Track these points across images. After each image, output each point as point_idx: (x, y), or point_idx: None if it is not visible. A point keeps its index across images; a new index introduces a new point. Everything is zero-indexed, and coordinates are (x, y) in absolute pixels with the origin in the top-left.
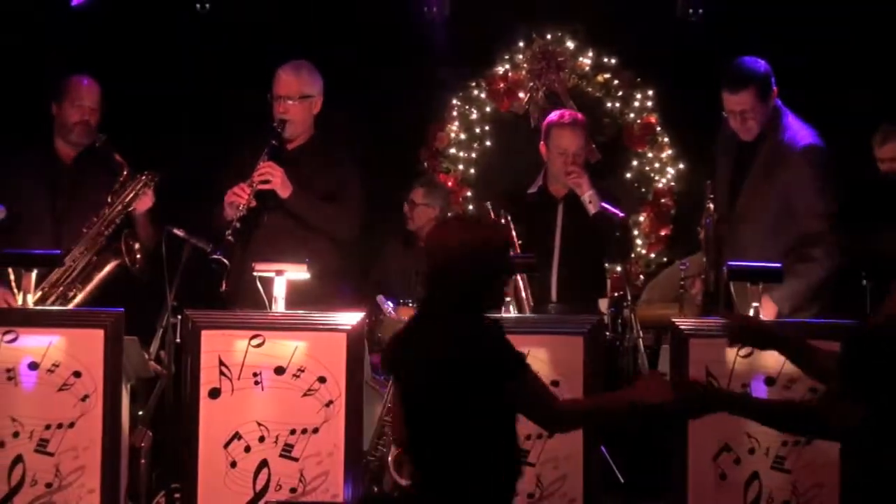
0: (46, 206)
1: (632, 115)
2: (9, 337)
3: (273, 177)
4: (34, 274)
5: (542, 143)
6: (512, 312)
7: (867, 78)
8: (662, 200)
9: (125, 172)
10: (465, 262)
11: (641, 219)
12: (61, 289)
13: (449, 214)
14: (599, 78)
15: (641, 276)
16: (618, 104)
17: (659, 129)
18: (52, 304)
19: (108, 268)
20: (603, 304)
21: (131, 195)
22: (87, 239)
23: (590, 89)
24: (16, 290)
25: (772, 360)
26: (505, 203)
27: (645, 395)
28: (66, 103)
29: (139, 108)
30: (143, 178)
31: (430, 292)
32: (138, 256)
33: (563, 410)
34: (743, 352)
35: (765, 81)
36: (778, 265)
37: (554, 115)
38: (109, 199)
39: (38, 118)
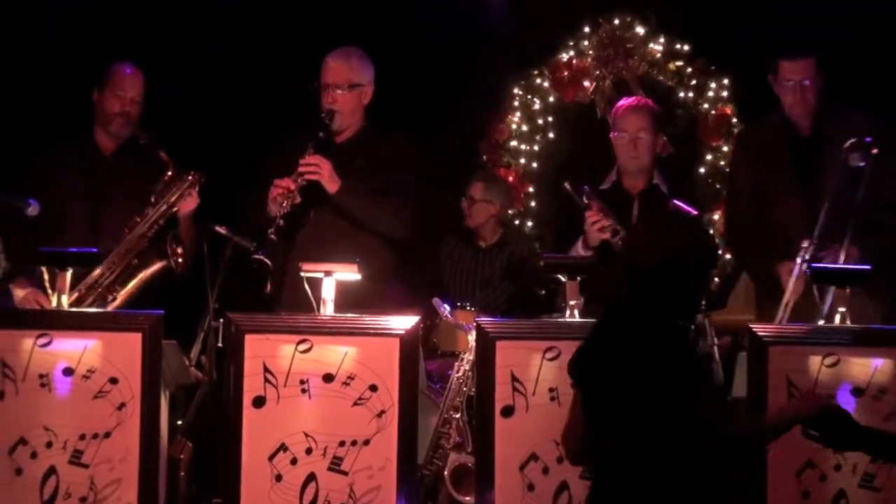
0: (83, 200)
1: (706, 106)
2: (42, 341)
3: (320, 170)
4: (69, 274)
5: (611, 133)
6: (576, 317)
7: None
8: None
9: (170, 171)
10: (678, 269)
11: (716, 217)
12: (99, 290)
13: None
14: (671, 65)
15: (716, 279)
16: (691, 94)
17: (735, 120)
18: (90, 306)
19: (151, 270)
20: None
21: (176, 195)
22: (130, 240)
23: (661, 78)
24: (50, 291)
25: (859, 368)
26: (587, 185)
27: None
28: (107, 92)
29: (177, 102)
30: (189, 177)
31: (630, 299)
32: (180, 260)
33: (738, 428)
34: (829, 360)
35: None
36: (866, 267)
37: (620, 102)
38: (153, 199)
39: (79, 106)
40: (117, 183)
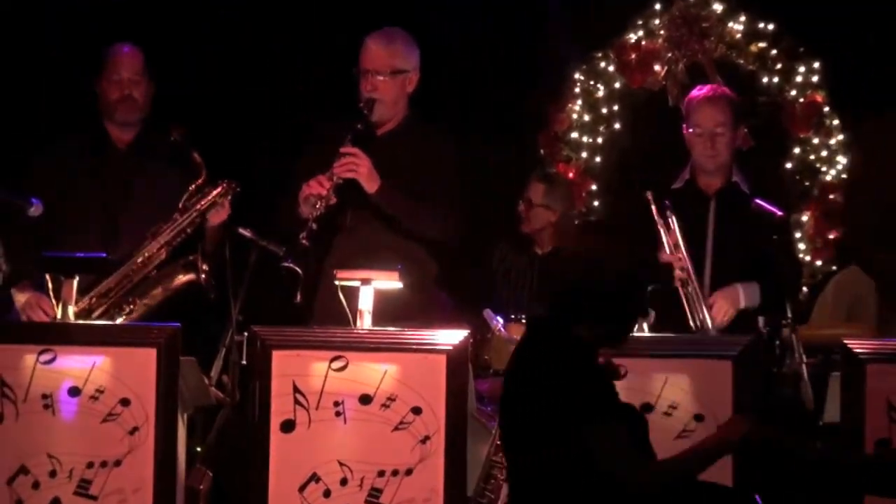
0: (96, 200)
1: (793, 93)
2: (45, 357)
3: (358, 167)
4: (75, 281)
5: (684, 126)
6: (645, 331)
7: None
8: (831, 196)
9: (203, 176)
10: (594, 281)
11: (805, 219)
12: (113, 300)
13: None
14: (753, 47)
15: (804, 289)
16: (776, 79)
17: (827, 109)
18: (101, 318)
19: (178, 281)
20: (760, 321)
21: (208, 205)
22: (152, 247)
23: (741, 61)
24: (54, 301)
25: None
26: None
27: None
28: (103, 80)
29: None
30: (223, 186)
31: (551, 319)
32: (203, 277)
33: (645, 473)
34: None
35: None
36: None
37: (694, 91)
38: (182, 205)
39: (83, 104)
40: (136, 180)
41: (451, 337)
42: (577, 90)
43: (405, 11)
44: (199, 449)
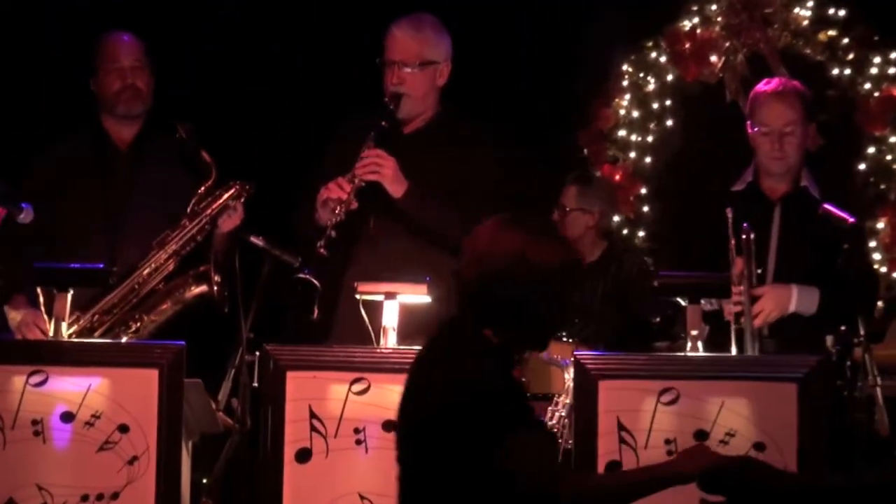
0: (97, 206)
1: (867, 86)
2: (36, 379)
3: (382, 168)
4: (69, 295)
5: (747, 123)
6: (700, 350)
7: None
8: None
9: (213, 177)
10: (501, 278)
11: (880, 226)
12: (117, 316)
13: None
14: (822, 36)
15: (880, 303)
16: (847, 71)
17: None
18: (103, 338)
19: (188, 295)
20: (829, 340)
21: (219, 209)
22: (160, 257)
23: (809, 51)
24: (46, 318)
25: None
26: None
27: (681, 464)
28: (101, 72)
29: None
30: (236, 187)
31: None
32: (216, 289)
33: (575, 490)
34: None
35: None
36: None
37: (760, 84)
38: (190, 209)
39: (81, 105)
40: (139, 183)
41: None
42: (626, 83)
43: None
44: (204, 481)
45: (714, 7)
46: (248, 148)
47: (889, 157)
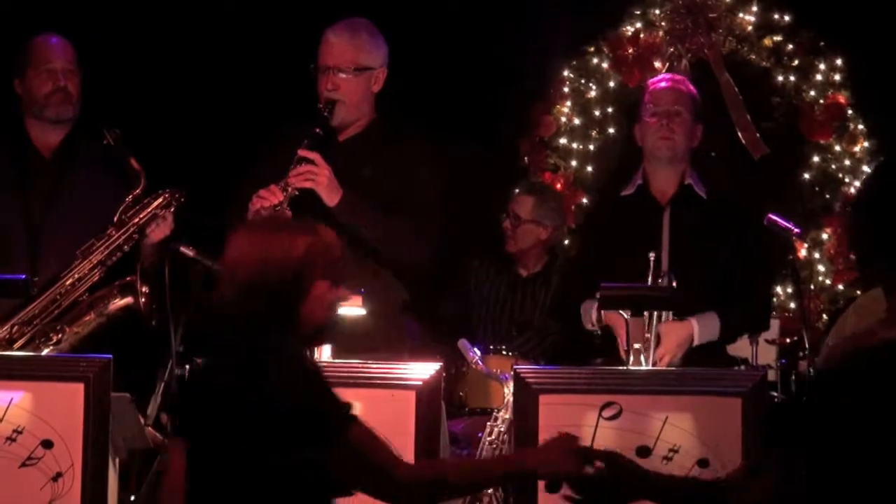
0: (17, 215)
1: (812, 93)
2: None
3: (317, 176)
4: None
5: (636, 126)
6: (642, 364)
7: None
8: None
9: (142, 185)
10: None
11: (825, 236)
12: (38, 327)
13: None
14: (767, 41)
15: (825, 316)
16: (792, 77)
17: (850, 112)
18: (23, 350)
19: (113, 306)
20: (768, 353)
21: (147, 217)
22: (83, 267)
23: (753, 57)
24: None
25: None
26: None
27: (546, 462)
28: (30, 72)
29: (134, 99)
30: (165, 196)
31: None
32: (142, 301)
33: (409, 480)
34: None
35: None
36: None
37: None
38: (117, 218)
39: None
40: (63, 191)
41: (421, 371)
42: (567, 90)
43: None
44: (132, 498)
45: (658, 11)
46: (179, 155)
47: (834, 167)
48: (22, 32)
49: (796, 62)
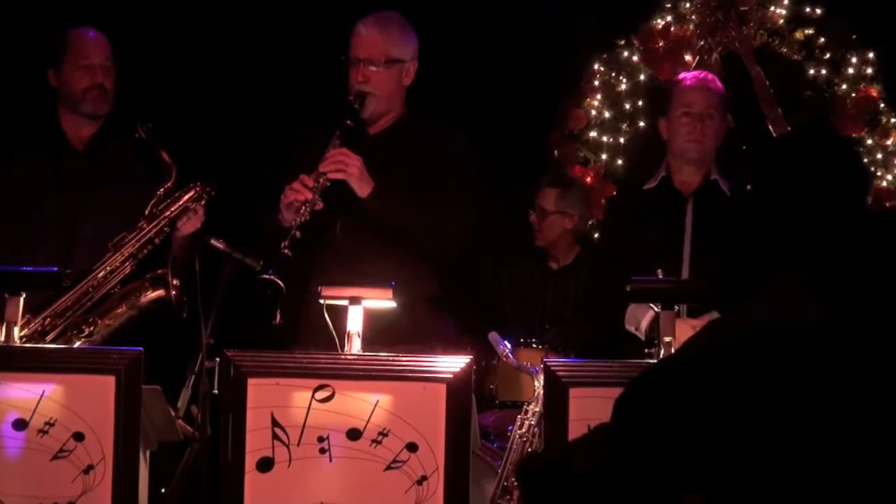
0: (51, 208)
1: (844, 87)
2: None
3: (348, 167)
4: (22, 299)
5: (662, 120)
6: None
7: None
8: (887, 205)
9: (173, 178)
10: None
11: None
12: (70, 320)
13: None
14: (799, 34)
15: None
16: (824, 71)
17: (882, 105)
18: (55, 342)
19: (144, 299)
20: None
21: (178, 211)
22: (115, 259)
23: (785, 50)
24: None
25: None
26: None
27: None
28: (66, 67)
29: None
30: (196, 189)
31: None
32: (173, 293)
33: None
34: None
35: None
36: None
37: (679, 76)
38: (149, 211)
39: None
40: (96, 183)
41: (452, 364)
42: (597, 83)
43: None
44: (163, 491)
45: (688, 4)
46: (210, 149)
47: (866, 160)
48: (51, 25)
49: (828, 55)
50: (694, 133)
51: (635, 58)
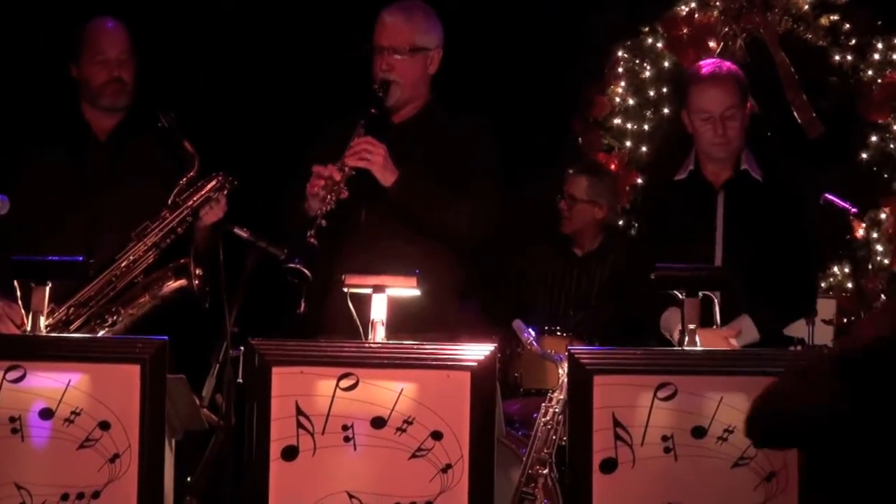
0: (75, 197)
1: (870, 73)
2: (13, 375)
3: (372, 156)
4: (47, 289)
5: (684, 112)
6: (697, 345)
7: None
8: None
9: (196, 167)
10: None
11: (883, 216)
12: (93, 309)
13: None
14: (823, 20)
15: (882, 296)
16: (850, 57)
17: None
18: (80, 331)
19: (167, 288)
20: (825, 333)
21: (201, 200)
22: (139, 249)
23: (809, 36)
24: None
25: None
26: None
27: None
28: (85, 61)
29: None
30: (219, 178)
31: None
32: (196, 282)
33: None
34: None
35: None
36: None
37: (693, 69)
38: (171, 201)
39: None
40: (119, 173)
41: (476, 351)
42: (621, 70)
43: None
44: (188, 479)
45: None
46: (233, 138)
47: (892, 146)
48: (74, 14)
49: (853, 41)
50: (717, 137)
51: (659, 45)
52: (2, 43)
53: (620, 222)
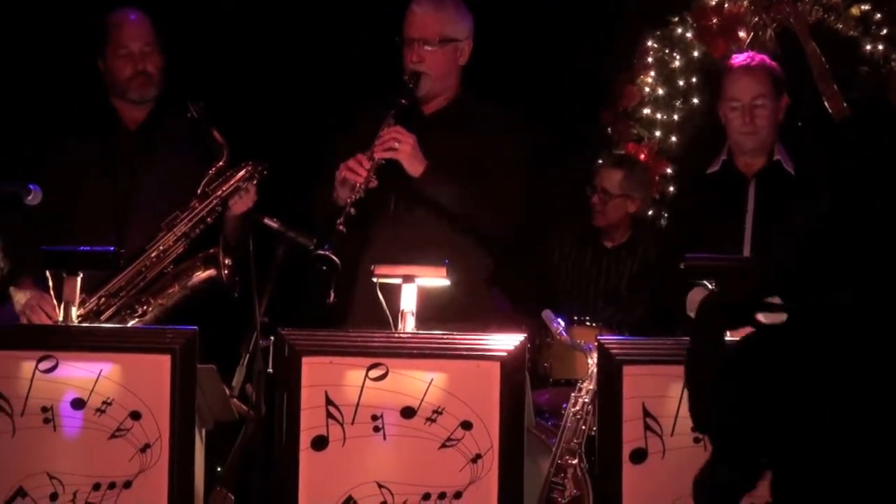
0: (105, 188)
1: None
2: (45, 365)
3: (401, 146)
4: (79, 279)
5: (719, 103)
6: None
7: None
8: None
9: (225, 157)
10: None
11: None
12: (124, 299)
13: None
14: (854, 10)
15: None
16: (881, 46)
17: None
18: (111, 321)
19: (196, 278)
20: None
21: (230, 190)
22: (168, 239)
23: (840, 26)
24: (56, 302)
25: None
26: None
27: None
28: (109, 56)
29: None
30: (248, 168)
31: None
32: (225, 273)
33: None
34: None
35: None
36: None
37: (731, 59)
38: (201, 191)
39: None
40: (149, 163)
41: (506, 342)
42: (651, 60)
43: None
44: (219, 469)
45: None
46: (262, 128)
47: None
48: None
49: (885, 31)
50: (745, 126)
51: (689, 34)
52: (32, 35)
53: (650, 212)
